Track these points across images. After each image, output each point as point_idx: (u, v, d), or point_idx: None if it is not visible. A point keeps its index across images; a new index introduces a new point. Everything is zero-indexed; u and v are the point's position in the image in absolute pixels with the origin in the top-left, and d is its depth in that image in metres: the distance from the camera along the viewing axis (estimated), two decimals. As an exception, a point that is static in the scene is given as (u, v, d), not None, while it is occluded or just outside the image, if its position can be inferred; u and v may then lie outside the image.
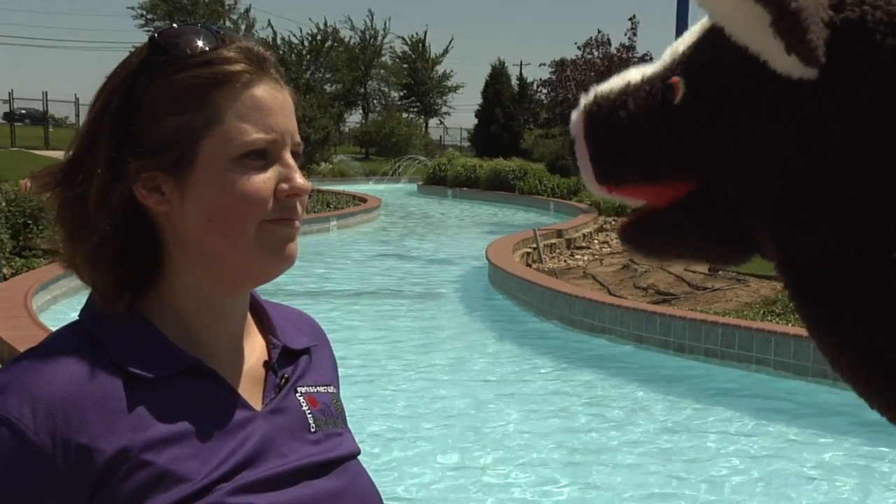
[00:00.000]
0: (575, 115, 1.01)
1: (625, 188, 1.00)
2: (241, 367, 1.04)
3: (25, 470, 0.88)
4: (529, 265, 11.44)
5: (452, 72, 59.69)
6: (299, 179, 0.99)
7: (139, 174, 0.96)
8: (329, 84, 50.13)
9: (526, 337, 8.27)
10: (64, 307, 8.12)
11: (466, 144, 49.39)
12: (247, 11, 51.95)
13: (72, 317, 1.02)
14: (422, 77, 56.64)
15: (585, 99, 1.01)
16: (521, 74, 45.14)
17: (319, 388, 1.10)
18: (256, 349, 1.07)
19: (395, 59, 57.37)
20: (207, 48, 0.97)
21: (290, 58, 45.45)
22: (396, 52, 57.28)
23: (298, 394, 1.06)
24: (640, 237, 1.03)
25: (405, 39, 57.36)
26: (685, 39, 0.97)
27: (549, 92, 31.30)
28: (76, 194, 0.96)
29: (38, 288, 7.99)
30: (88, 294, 1.03)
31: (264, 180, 0.97)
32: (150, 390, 0.94)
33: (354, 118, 56.13)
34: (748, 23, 0.83)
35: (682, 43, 0.97)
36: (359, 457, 1.09)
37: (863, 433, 5.57)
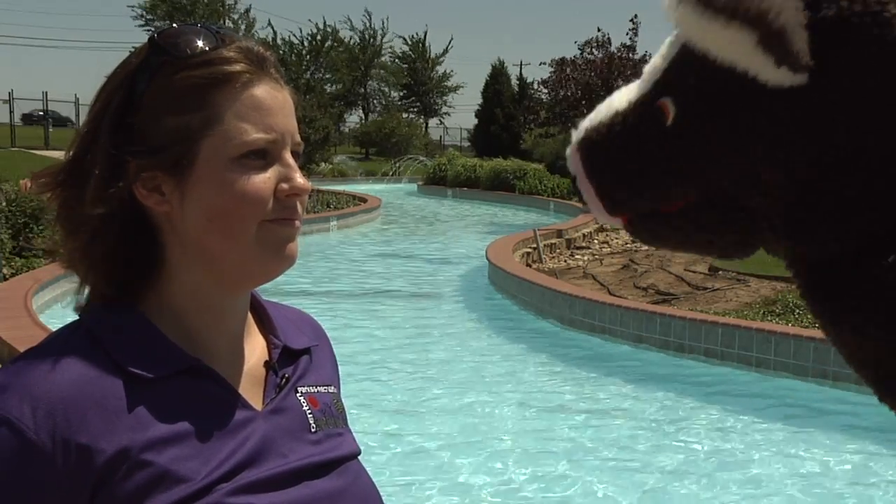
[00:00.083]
0: (569, 151, 1.00)
1: (638, 214, 1.00)
2: (242, 367, 1.04)
3: (25, 470, 0.88)
4: (529, 265, 11.44)
5: (452, 72, 59.78)
6: (299, 179, 0.99)
7: (139, 174, 0.96)
8: (329, 84, 50.14)
9: (526, 337, 8.27)
10: (64, 307, 8.12)
11: (466, 144, 49.42)
12: (247, 11, 51.97)
13: (72, 317, 1.02)
14: (422, 77, 56.65)
15: (577, 134, 1.00)
16: (521, 74, 45.19)
17: (320, 388, 1.10)
18: (257, 349, 1.07)
19: (395, 60, 57.38)
20: (207, 48, 0.97)
21: (290, 58, 45.46)
22: (396, 53, 57.34)
23: (299, 394, 1.06)
24: (646, 235, 1.03)
25: (405, 39, 57.44)
26: (663, 56, 0.95)
27: (550, 92, 31.27)
28: (76, 194, 0.97)
29: (38, 288, 7.99)
30: (89, 294, 1.03)
31: (264, 180, 0.97)
32: (151, 390, 0.94)
33: (354, 118, 56.21)
34: (732, 45, 0.83)
35: (661, 60, 0.94)
36: (359, 456, 1.09)
37: (863, 433, 5.58)
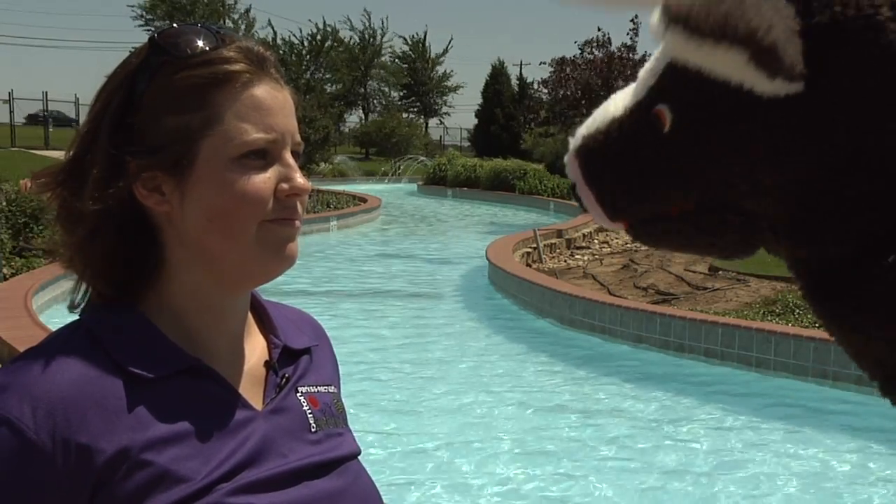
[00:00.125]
0: (567, 159, 1.00)
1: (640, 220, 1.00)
2: (242, 367, 1.04)
3: (25, 470, 0.88)
4: (529, 265, 11.44)
5: (452, 72, 59.73)
6: (299, 179, 0.99)
7: (139, 174, 0.96)
8: (329, 84, 50.12)
9: (526, 336, 8.27)
10: (64, 307, 8.10)
11: (466, 144, 49.41)
12: (247, 11, 51.95)
13: (72, 317, 1.02)
14: (422, 77, 56.65)
15: (574, 141, 1.00)
16: (521, 74, 45.19)
17: (320, 388, 1.10)
18: (257, 349, 1.07)
19: (395, 60, 57.37)
20: (207, 48, 0.97)
21: (290, 58, 45.45)
22: (396, 53, 57.32)
23: (299, 393, 1.06)
24: (647, 239, 1.03)
25: (406, 39, 57.44)
26: (657, 59, 0.94)
27: (550, 92, 31.28)
28: (75, 194, 0.97)
29: (38, 288, 7.99)
30: (89, 294, 1.03)
31: (264, 180, 0.97)
32: (151, 390, 0.94)
33: (354, 118, 56.21)
34: (724, 63, 0.83)
35: (655, 63, 0.93)
36: (359, 456, 1.09)
37: (863, 433, 5.58)
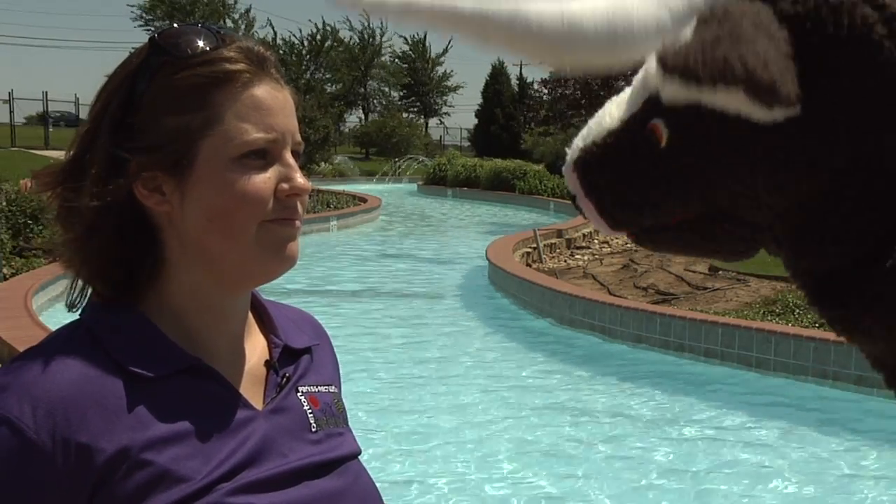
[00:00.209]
0: (566, 171, 1.00)
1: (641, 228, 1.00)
2: (242, 367, 1.04)
3: (25, 469, 0.88)
4: (529, 265, 11.44)
5: (452, 72, 59.67)
6: (300, 179, 0.99)
7: (139, 174, 0.96)
8: (329, 84, 50.12)
9: (526, 336, 8.27)
10: (64, 307, 8.12)
11: (466, 144, 49.42)
12: (247, 12, 51.94)
13: (72, 317, 1.02)
14: (422, 77, 56.66)
15: (571, 153, 1.00)
16: (521, 74, 45.17)
17: (321, 388, 1.10)
18: (257, 348, 1.07)
19: (395, 59, 57.35)
20: (208, 48, 0.97)
21: (290, 58, 45.44)
22: (397, 52, 57.31)
23: (300, 393, 1.06)
24: (650, 245, 1.03)
25: (406, 39, 57.45)
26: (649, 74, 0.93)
27: (549, 92, 31.29)
28: (75, 193, 0.97)
29: (38, 288, 7.99)
30: (88, 294, 1.03)
31: (264, 180, 0.97)
32: (151, 389, 0.94)
33: (354, 118, 56.20)
34: (722, 100, 0.82)
35: (648, 78, 0.92)
36: (359, 456, 1.09)
37: (863, 432, 5.58)
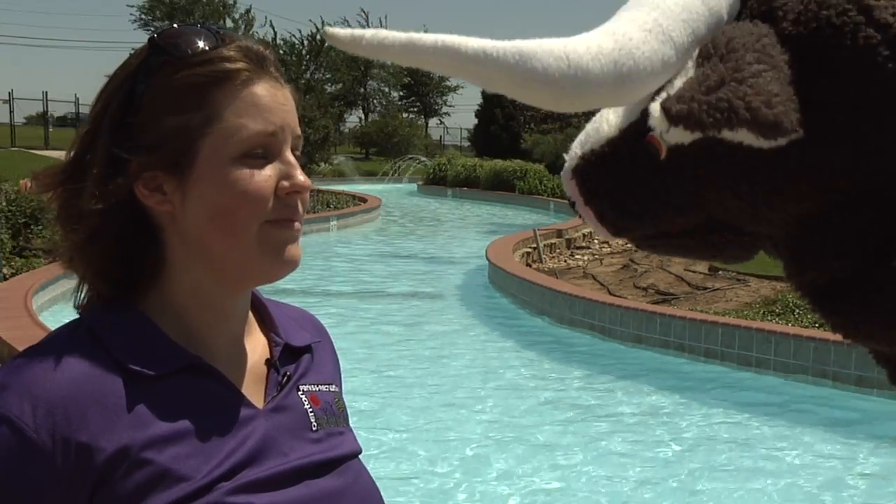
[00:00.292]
0: (564, 178, 0.99)
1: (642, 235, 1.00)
2: (243, 366, 1.04)
3: (25, 468, 0.88)
4: (529, 265, 11.44)
5: (452, 72, 59.40)
6: (300, 176, 0.99)
7: (140, 173, 0.96)
8: (329, 84, 50.06)
9: (526, 336, 8.28)
10: (64, 307, 8.12)
11: (466, 144, 49.38)
12: (247, 12, 51.90)
13: (72, 316, 1.02)
14: (422, 77, 56.64)
15: (570, 160, 0.99)
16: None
17: (321, 387, 1.10)
18: (258, 347, 1.07)
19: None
20: (207, 48, 0.97)
21: (290, 58, 45.38)
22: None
23: (300, 392, 1.06)
24: (650, 250, 1.03)
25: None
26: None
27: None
28: (76, 193, 0.97)
29: (38, 288, 7.99)
30: (88, 294, 1.03)
31: (265, 178, 0.97)
32: (151, 388, 0.94)
33: (354, 118, 56.18)
34: (727, 136, 0.82)
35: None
36: (360, 456, 1.09)
37: (863, 433, 5.58)
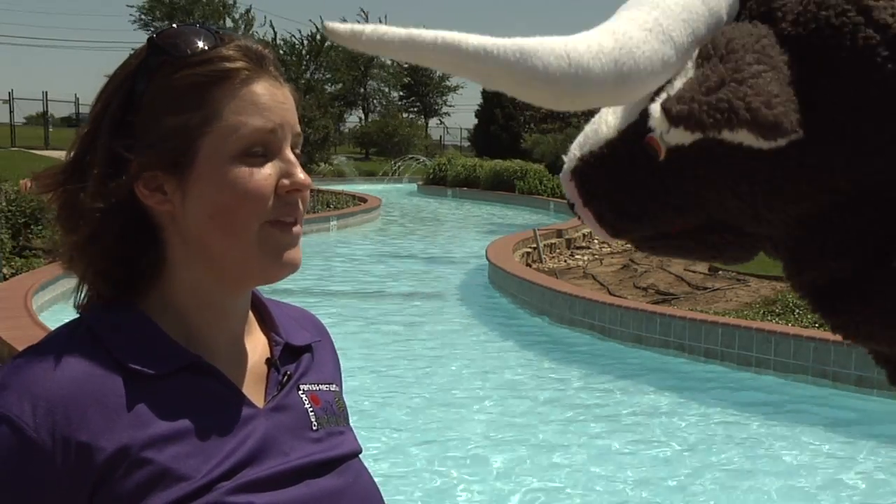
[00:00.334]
0: (563, 179, 0.99)
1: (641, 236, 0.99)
2: (243, 365, 1.04)
3: (25, 468, 0.88)
4: (529, 265, 11.44)
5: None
6: (301, 175, 0.99)
7: (140, 173, 0.96)
8: (329, 84, 50.05)
9: (526, 336, 8.27)
10: (64, 307, 8.12)
11: (466, 144, 49.37)
12: (247, 12, 51.89)
13: (72, 317, 1.02)
14: (422, 77, 56.65)
15: (569, 161, 0.99)
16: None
17: (322, 386, 1.10)
18: (258, 347, 1.07)
19: (395, 60, 57.26)
20: (206, 47, 0.97)
21: (291, 58, 45.36)
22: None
23: (301, 391, 1.06)
24: (650, 251, 1.03)
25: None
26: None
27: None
28: (76, 194, 0.97)
29: (38, 288, 7.98)
30: (88, 294, 1.03)
31: (265, 177, 0.97)
32: (151, 387, 0.94)
33: (354, 118, 56.17)
34: (727, 137, 0.82)
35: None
36: (360, 455, 1.09)
37: (862, 433, 5.58)
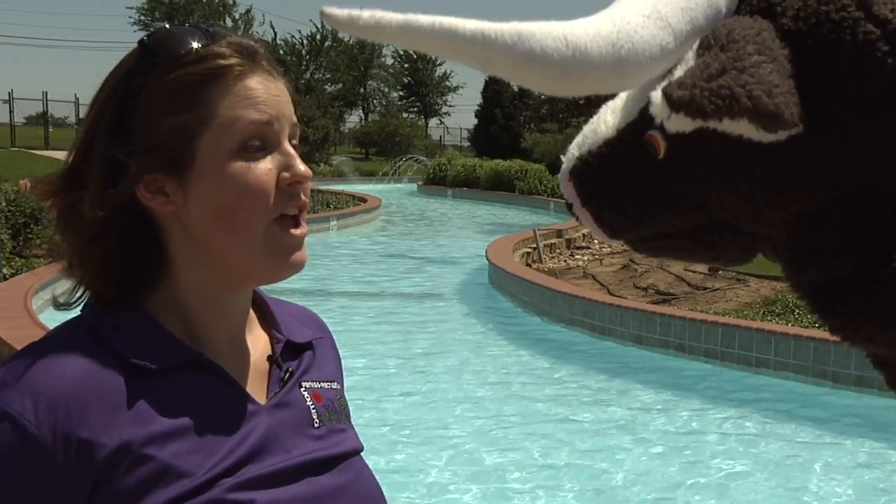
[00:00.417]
0: (562, 179, 0.99)
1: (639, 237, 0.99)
2: (244, 362, 1.04)
3: (26, 464, 0.88)
4: (529, 265, 11.44)
5: (453, 72, 59.52)
6: (300, 166, 0.99)
7: (140, 176, 0.96)
8: (329, 84, 50.04)
9: (526, 337, 8.27)
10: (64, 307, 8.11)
11: (466, 144, 49.37)
12: (247, 12, 51.89)
13: (72, 316, 1.02)
14: (422, 77, 56.64)
15: (567, 161, 0.99)
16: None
17: (323, 384, 1.10)
18: (259, 344, 1.07)
19: (396, 59, 57.32)
20: (198, 46, 0.97)
21: (290, 58, 45.34)
22: (399, 52, 57.26)
23: (303, 389, 1.06)
24: (649, 252, 1.03)
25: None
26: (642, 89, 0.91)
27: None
28: (75, 201, 0.97)
29: (38, 288, 7.97)
30: (88, 293, 1.03)
31: (265, 171, 0.97)
32: (152, 384, 0.94)
33: (354, 118, 56.17)
34: (727, 127, 0.82)
35: (652, 107, 0.88)
36: (361, 453, 1.09)
37: (862, 433, 5.58)
